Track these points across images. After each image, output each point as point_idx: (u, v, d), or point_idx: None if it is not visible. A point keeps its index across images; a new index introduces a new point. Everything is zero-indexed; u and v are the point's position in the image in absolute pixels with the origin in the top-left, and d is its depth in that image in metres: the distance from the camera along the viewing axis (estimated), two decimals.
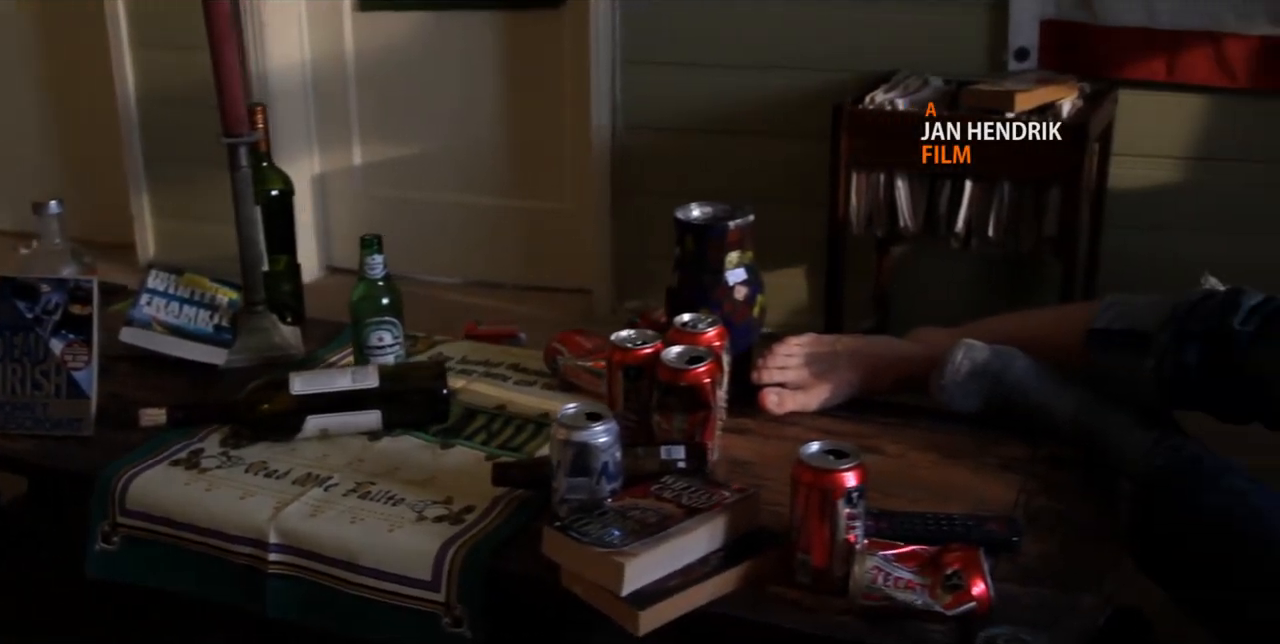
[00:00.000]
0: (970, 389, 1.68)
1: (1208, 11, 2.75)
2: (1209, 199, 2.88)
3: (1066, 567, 1.39)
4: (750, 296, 1.76)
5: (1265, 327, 1.50)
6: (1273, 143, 2.80)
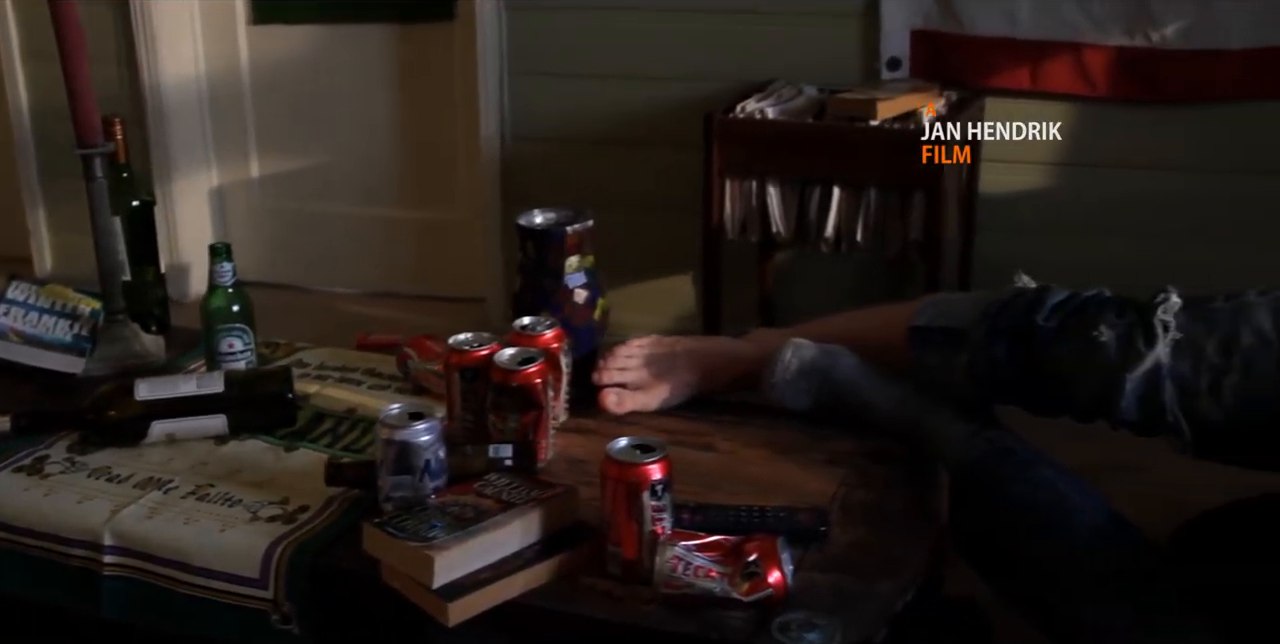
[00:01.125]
0: (799, 387, 1.74)
1: (1067, 22, 2.83)
2: (1074, 203, 2.96)
3: (871, 555, 1.45)
4: (591, 300, 1.81)
5: (1067, 323, 1.56)
6: (1130, 149, 2.88)
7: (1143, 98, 2.83)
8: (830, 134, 2.65)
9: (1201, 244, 2.87)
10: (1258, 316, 1.47)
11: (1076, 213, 2.97)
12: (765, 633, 1.29)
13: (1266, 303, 1.48)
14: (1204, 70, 2.77)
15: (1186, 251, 2.86)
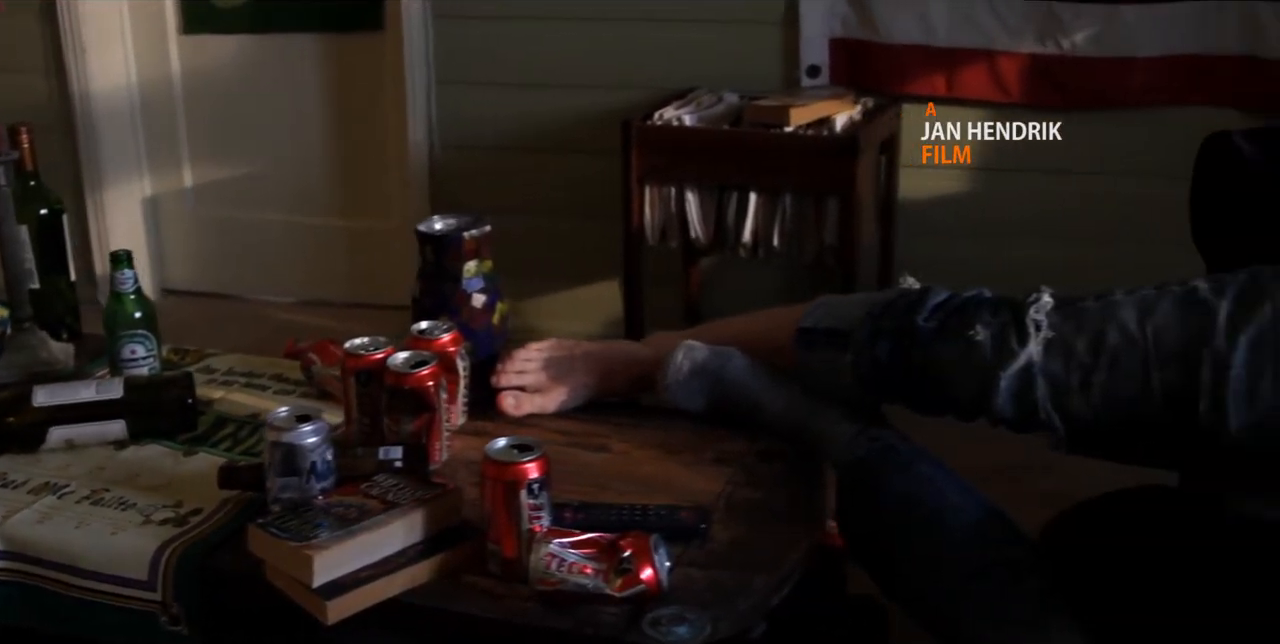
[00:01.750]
0: (692, 388, 1.77)
1: (981, 30, 2.88)
2: (991, 207, 3.01)
3: (749, 552, 1.48)
4: (489, 304, 1.84)
5: (946, 323, 1.59)
6: (1044, 154, 2.93)
7: (1055, 104, 2.88)
8: (745, 141, 2.68)
9: (1115, 245, 2.92)
10: (1123, 315, 1.50)
11: (994, 216, 3.02)
12: (637, 628, 1.32)
13: (1133, 302, 1.52)
14: (1113, 77, 2.82)
15: (1102, 253, 2.91)
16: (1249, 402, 1.42)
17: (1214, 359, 1.43)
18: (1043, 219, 3.00)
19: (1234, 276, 1.50)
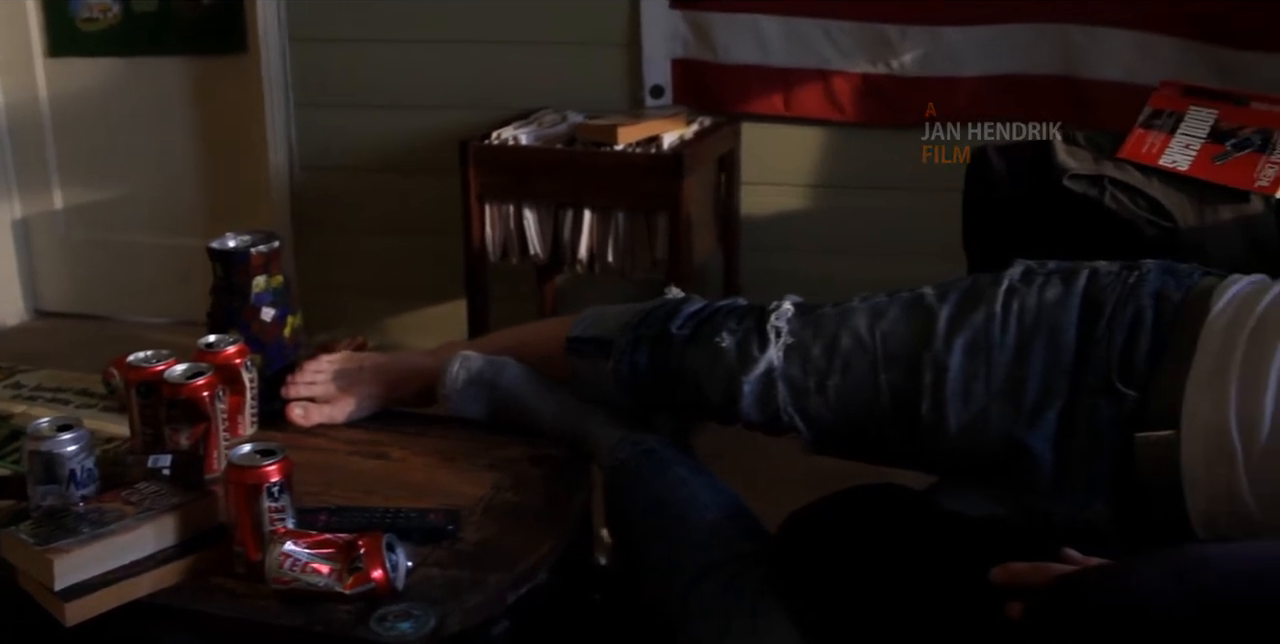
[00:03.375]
0: (469, 396, 1.83)
1: (815, 51, 2.96)
2: (832, 223, 3.09)
3: (493, 551, 1.53)
4: (279, 318, 1.89)
5: (698, 331, 1.66)
6: (879, 171, 3.02)
7: (887, 121, 2.96)
8: (577, 159, 2.75)
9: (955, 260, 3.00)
10: (856, 321, 1.58)
11: (835, 231, 3.10)
12: (365, 624, 1.37)
13: (866, 308, 1.60)
14: (938, 96, 2.91)
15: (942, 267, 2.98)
16: (965, 402, 1.49)
17: (933, 362, 1.51)
18: (883, 234, 3.08)
19: (958, 283, 1.58)
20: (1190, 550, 1.02)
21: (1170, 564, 0.97)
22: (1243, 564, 0.97)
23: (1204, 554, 1.01)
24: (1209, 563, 0.97)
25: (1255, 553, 1.00)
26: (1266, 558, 0.96)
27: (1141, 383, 1.42)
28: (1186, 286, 1.48)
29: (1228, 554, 1.00)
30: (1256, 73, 2.71)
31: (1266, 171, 1.73)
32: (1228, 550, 1.02)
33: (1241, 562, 0.97)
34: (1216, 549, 1.04)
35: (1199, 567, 0.96)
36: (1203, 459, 1.35)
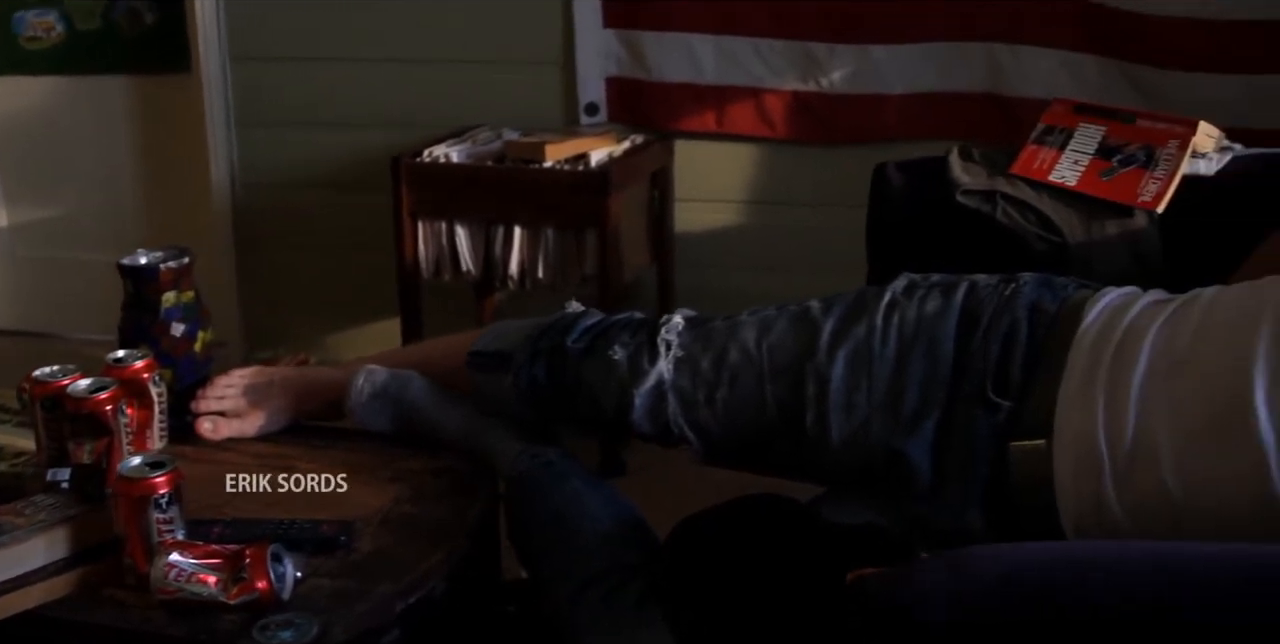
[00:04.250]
0: (374, 409, 1.85)
1: (746, 69, 3.00)
2: (765, 239, 3.12)
3: (385, 561, 1.55)
4: (189, 333, 1.92)
5: (593, 344, 1.69)
6: (812, 188, 3.05)
7: (817, 138, 3.00)
8: (506, 177, 2.78)
9: None
10: (744, 334, 1.61)
11: (767, 247, 3.13)
12: (248, 634, 1.39)
13: (755, 321, 1.63)
14: (868, 113, 2.95)
15: None
16: (847, 413, 1.52)
17: (816, 373, 1.54)
18: (816, 250, 3.10)
19: (844, 297, 1.61)
20: (972, 551, 1.05)
21: (948, 563, 1.00)
22: (999, 566, 0.99)
23: (979, 554, 1.04)
24: (976, 563, 1.00)
25: (1020, 555, 1.03)
26: (1022, 561, 0.99)
27: (1016, 393, 1.45)
28: (1061, 299, 1.52)
29: (996, 555, 1.03)
30: (1175, 91, 2.76)
31: (1149, 187, 1.77)
32: (997, 551, 1.05)
33: (1002, 563, 1.00)
34: (990, 550, 1.06)
35: (971, 566, 0.99)
36: (1072, 469, 1.38)
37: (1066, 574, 0.95)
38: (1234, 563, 0.93)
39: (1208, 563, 0.93)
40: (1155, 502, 1.33)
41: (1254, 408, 1.30)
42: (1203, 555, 0.96)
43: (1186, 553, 0.98)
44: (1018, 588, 0.95)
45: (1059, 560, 0.98)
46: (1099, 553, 1.03)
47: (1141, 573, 0.93)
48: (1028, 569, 0.97)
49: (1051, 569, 0.96)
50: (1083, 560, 0.97)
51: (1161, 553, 0.99)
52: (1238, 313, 1.38)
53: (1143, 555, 0.98)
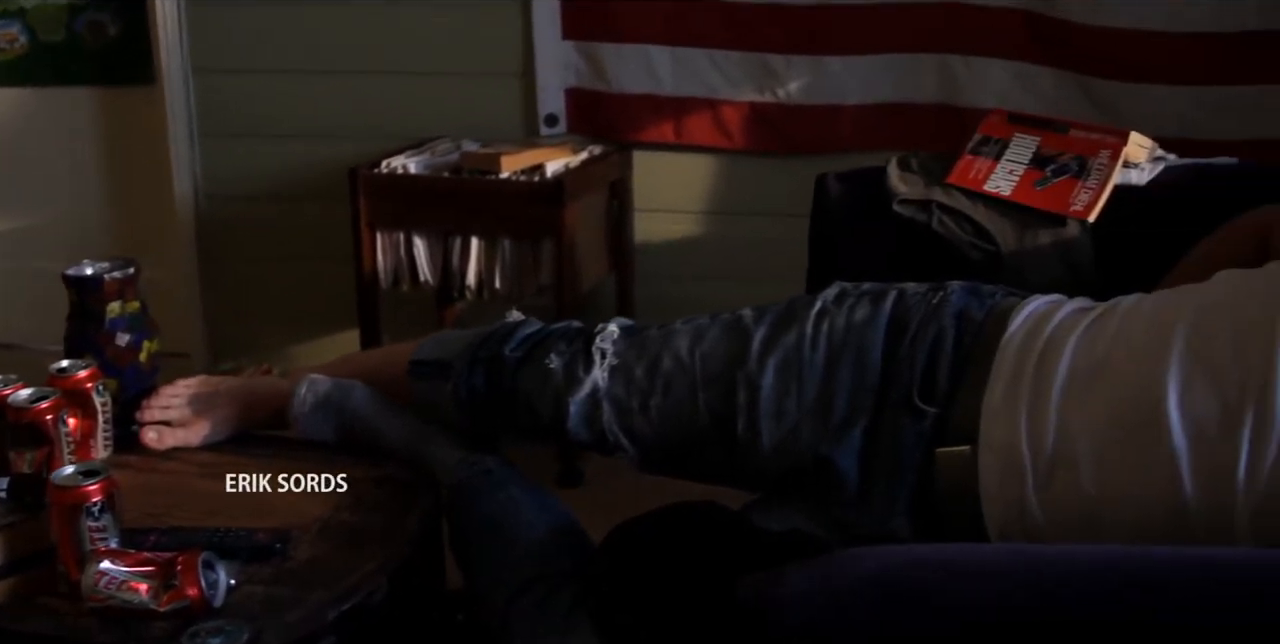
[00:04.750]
0: (317, 419, 1.86)
1: (704, 80, 3.02)
2: (724, 249, 3.14)
3: (320, 569, 1.56)
4: (135, 343, 1.93)
5: (530, 353, 1.71)
6: (770, 198, 3.07)
7: (774, 149, 3.02)
8: (462, 187, 2.79)
9: None
10: (678, 343, 1.63)
11: (727, 258, 3.14)
12: (178, 641, 1.40)
13: (689, 330, 1.64)
14: (824, 124, 2.97)
15: None
16: (777, 420, 1.54)
17: (747, 381, 1.55)
18: (775, 260, 3.11)
19: (777, 305, 1.63)
20: (850, 553, 1.06)
21: (821, 566, 1.02)
22: (870, 568, 1.01)
23: (853, 556, 1.05)
24: (848, 565, 1.02)
25: (892, 557, 1.04)
26: (894, 563, 1.00)
27: (942, 401, 1.47)
28: (988, 307, 1.54)
29: (870, 557, 1.04)
30: (1126, 101, 2.79)
31: (1081, 196, 1.79)
32: (872, 554, 1.06)
33: (873, 564, 1.01)
34: (866, 552, 1.08)
35: (842, 568, 1.01)
36: (997, 476, 1.40)
37: (937, 576, 0.96)
38: (1103, 564, 0.94)
39: (1072, 564, 0.95)
40: (1074, 508, 1.35)
41: (1167, 416, 1.32)
42: (1070, 557, 0.98)
43: (1052, 554, 1.00)
44: (884, 589, 0.96)
45: (929, 562, 1.00)
46: (970, 555, 1.04)
47: (1009, 574, 0.95)
48: (897, 571, 0.99)
49: (921, 570, 0.98)
50: (954, 562, 0.99)
51: (1031, 554, 1.00)
52: (1154, 321, 1.40)
53: (1011, 557, 0.99)
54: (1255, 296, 1.37)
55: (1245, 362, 1.31)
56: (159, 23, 3.31)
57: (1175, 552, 1.02)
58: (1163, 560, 0.99)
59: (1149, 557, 0.99)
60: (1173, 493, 1.31)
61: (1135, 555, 0.98)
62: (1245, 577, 0.97)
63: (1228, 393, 1.31)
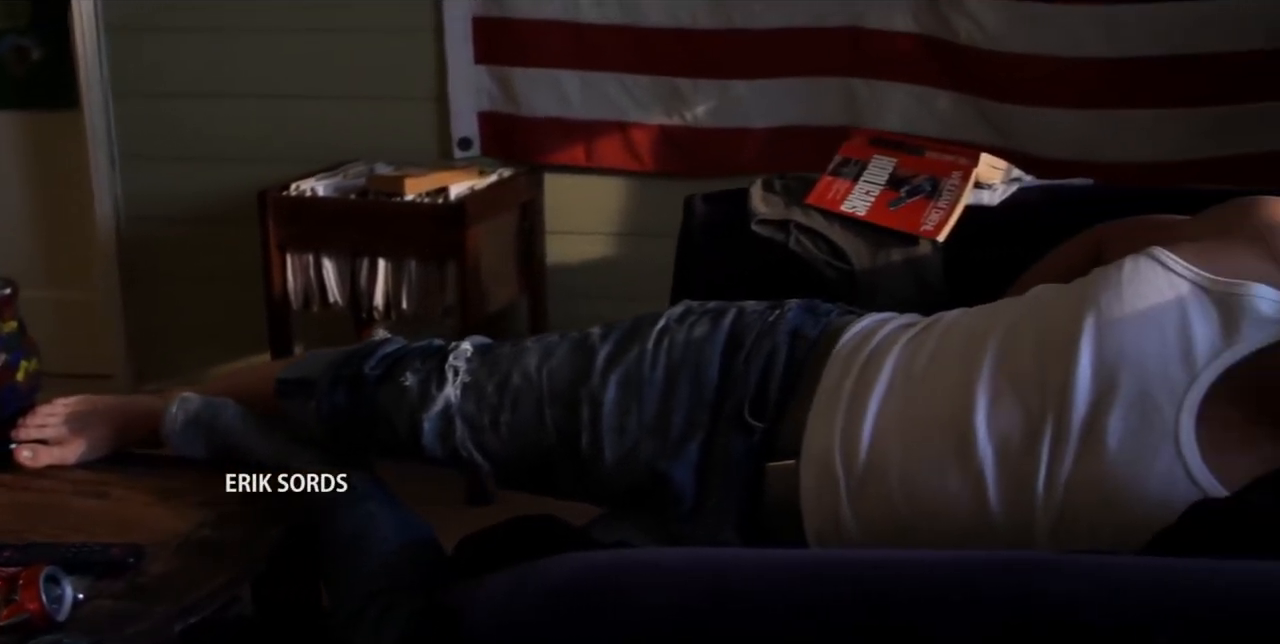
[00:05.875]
0: (189, 437, 1.89)
1: (613, 103, 3.07)
2: (636, 270, 3.17)
3: (168, 583, 1.59)
4: (12, 362, 1.96)
5: (389, 370, 1.74)
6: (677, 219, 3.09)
7: (682, 171, 3.06)
8: (368, 209, 2.83)
9: None
10: (527, 360, 1.66)
11: (639, 279, 3.16)
12: None
13: (539, 348, 1.68)
14: (730, 146, 3.02)
15: None
16: (619, 435, 1.57)
17: (590, 397, 1.59)
18: None
19: (623, 323, 1.67)
20: (555, 559, 1.09)
21: (520, 572, 1.05)
22: (566, 571, 1.04)
23: (554, 562, 1.08)
24: (545, 570, 1.05)
25: (585, 561, 1.07)
26: (587, 567, 1.03)
27: (772, 416, 1.51)
28: (823, 325, 1.58)
29: (567, 562, 1.07)
30: (1022, 124, 2.84)
31: (932, 216, 1.83)
32: (571, 559, 1.09)
33: (567, 569, 1.05)
34: (567, 557, 1.10)
35: (538, 573, 1.04)
36: (814, 486, 1.44)
37: (624, 580, 0.99)
38: (785, 569, 0.98)
39: (752, 569, 0.98)
40: (885, 517, 1.39)
41: (974, 429, 1.36)
42: (747, 562, 1.01)
43: (728, 558, 1.03)
44: (571, 594, 0.99)
45: (620, 566, 1.03)
46: (658, 559, 1.08)
47: (686, 581, 0.98)
48: (586, 575, 1.02)
49: (610, 575, 1.01)
50: (640, 566, 1.02)
51: (707, 558, 1.04)
52: (969, 336, 1.44)
53: (689, 562, 1.02)
54: (1062, 310, 1.41)
55: (1046, 376, 1.35)
56: (80, 48, 3.34)
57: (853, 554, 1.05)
58: (837, 561, 1.02)
59: (821, 561, 1.02)
60: (980, 506, 1.35)
61: (807, 560, 1.02)
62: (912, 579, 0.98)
63: (1031, 407, 1.35)
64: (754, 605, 0.92)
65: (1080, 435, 1.31)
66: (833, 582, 0.94)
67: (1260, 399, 1.30)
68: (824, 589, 0.93)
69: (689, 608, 0.93)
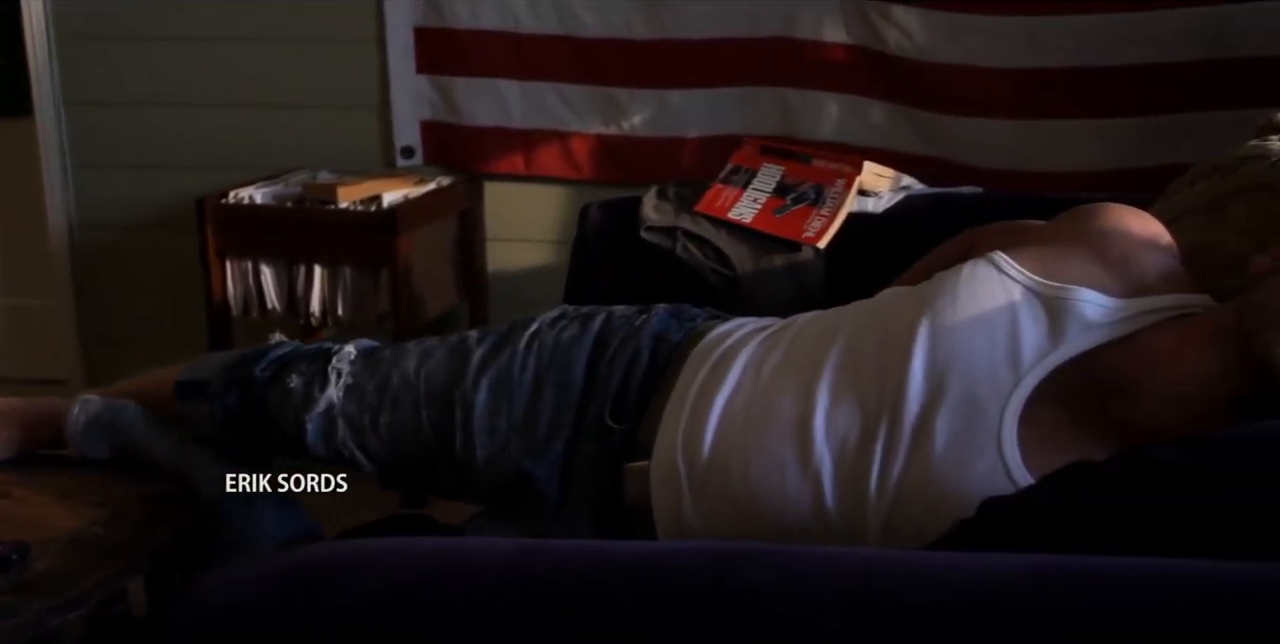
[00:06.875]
0: (91, 437, 1.92)
1: (552, 113, 3.11)
2: None
3: (50, 580, 1.62)
4: None
5: (278, 373, 1.77)
6: None
7: (618, 179, 3.10)
8: (303, 217, 2.87)
9: None
10: (407, 363, 1.70)
11: None
12: None
13: (419, 351, 1.72)
14: (666, 154, 3.06)
15: None
16: (490, 437, 1.61)
17: (462, 399, 1.63)
18: None
19: (499, 328, 1.70)
20: (288, 549, 1.12)
21: (251, 560, 1.08)
22: (270, 567, 1.08)
23: (285, 550, 1.11)
24: (267, 559, 1.09)
25: (290, 557, 1.11)
26: (291, 562, 1.07)
27: (633, 417, 1.54)
28: (688, 328, 1.61)
29: (288, 551, 1.10)
30: (951, 134, 2.88)
31: (814, 223, 1.87)
32: (290, 549, 1.12)
33: (272, 564, 1.08)
34: (281, 553, 1.13)
35: (260, 562, 1.08)
36: (662, 484, 1.47)
37: (329, 570, 1.03)
38: (490, 558, 1.01)
39: (458, 559, 1.01)
40: (728, 516, 1.42)
41: (813, 430, 1.39)
42: (456, 551, 1.04)
43: (472, 547, 1.07)
44: (281, 582, 1.02)
45: (333, 556, 1.06)
46: (368, 549, 1.11)
47: (386, 569, 1.02)
48: (298, 564, 1.05)
49: (319, 564, 1.04)
50: (351, 555, 1.06)
51: (418, 547, 1.07)
52: (818, 338, 1.48)
53: (384, 554, 1.06)
54: (903, 312, 1.44)
55: (884, 378, 1.39)
56: (31, 56, 3.39)
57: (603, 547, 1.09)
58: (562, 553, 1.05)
59: (524, 550, 1.05)
60: (818, 506, 1.38)
61: (510, 549, 1.05)
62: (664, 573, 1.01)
63: (868, 409, 1.38)
64: (438, 600, 0.96)
65: (911, 437, 1.34)
66: (532, 573, 0.98)
67: (1082, 401, 1.33)
68: (518, 580, 0.96)
69: (375, 604, 0.97)
